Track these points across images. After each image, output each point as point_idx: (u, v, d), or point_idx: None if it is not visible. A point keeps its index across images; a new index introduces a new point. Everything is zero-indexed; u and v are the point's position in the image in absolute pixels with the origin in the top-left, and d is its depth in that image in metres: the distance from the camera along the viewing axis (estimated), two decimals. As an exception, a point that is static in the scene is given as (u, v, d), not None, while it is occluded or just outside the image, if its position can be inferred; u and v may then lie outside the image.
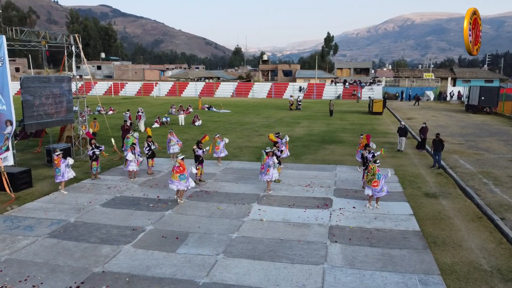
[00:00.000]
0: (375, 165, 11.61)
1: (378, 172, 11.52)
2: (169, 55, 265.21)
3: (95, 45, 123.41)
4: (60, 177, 13.18)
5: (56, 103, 16.13)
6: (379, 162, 11.95)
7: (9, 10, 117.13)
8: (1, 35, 13.68)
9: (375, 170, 11.53)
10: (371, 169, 11.63)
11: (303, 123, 30.47)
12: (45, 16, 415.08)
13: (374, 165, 11.60)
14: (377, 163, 11.71)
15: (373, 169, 11.58)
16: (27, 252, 8.93)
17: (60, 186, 13.33)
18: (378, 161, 12.00)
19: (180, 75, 79.63)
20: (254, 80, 74.48)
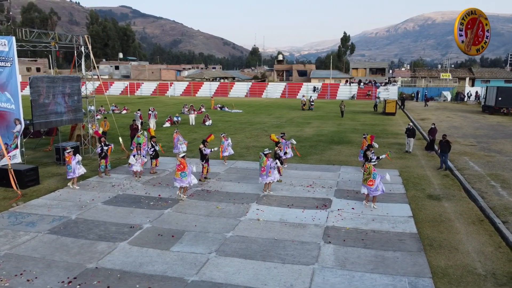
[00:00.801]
0: (371, 164, 11.60)
1: (374, 172, 11.50)
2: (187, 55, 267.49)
3: (113, 46, 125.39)
4: (72, 174, 13.67)
5: (64, 102, 16.50)
6: (375, 162, 11.89)
7: (31, 12, 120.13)
8: (11, 36, 14.06)
9: (370, 169, 11.53)
10: (367, 169, 11.66)
11: (313, 123, 30.34)
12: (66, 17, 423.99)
13: (370, 164, 11.61)
14: (373, 163, 11.68)
15: (369, 168, 11.59)
16: (26, 247, 9.18)
17: (72, 182, 13.78)
18: (374, 160, 11.95)
19: (195, 75, 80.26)
20: (269, 80, 74.49)
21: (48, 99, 15.68)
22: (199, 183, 13.91)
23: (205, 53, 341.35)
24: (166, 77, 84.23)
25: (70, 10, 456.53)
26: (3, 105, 13.77)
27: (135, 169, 13.95)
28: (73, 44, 17.37)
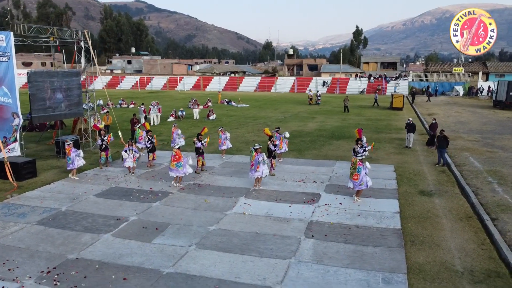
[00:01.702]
0: (357, 158, 11.60)
1: (359, 166, 11.51)
2: (200, 50, 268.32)
3: (127, 40, 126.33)
4: (71, 165, 14.10)
5: (64, 96, 16.77)
6: (361, 156, 11.88)
7: (46, 7, 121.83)
8: (9, 31, 14.34)
9: (356, 164, 11.55)
10: (353, 163, 11.65)
11: (318, 118, 30.20)
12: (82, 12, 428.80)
13: (356, 159, 11.63)
14: (359, 157, 11.69)
15: (354, 162, 11.60)
16: (14, 237, 9.43)
17: (72, 173, 14.20)
18: (360, 154, 11.94)
19: (205, 70, 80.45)
20: (279, 74, 74.21)
21: (47, 93, 15.95)
22: (194, 175, 14.10)
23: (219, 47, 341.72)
24: (177, 72, 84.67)
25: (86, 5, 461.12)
26: (1, 99, 14.07)
27: (127, 164, 14.11)
28: (73, 39, 17.60)
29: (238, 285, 7.41)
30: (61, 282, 7.47)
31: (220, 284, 7.42)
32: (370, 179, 11.92)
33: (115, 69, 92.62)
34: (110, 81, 66.75)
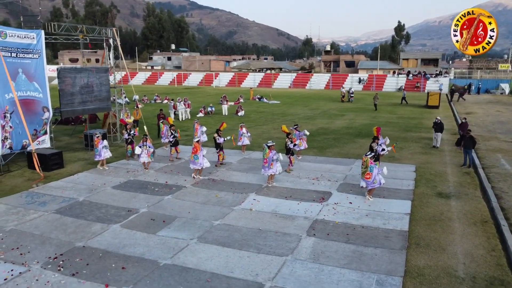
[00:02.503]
0: (368, 157, 11.38)
1: (371, 165, 11.30)
2: (240, 46, 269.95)
3: (168, 37, 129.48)
4: (98, 156, 14.87)
5: (92, 92, 17.51)
6: (371, 154, 11.65)
7: (93, 5, 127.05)
8: (40, 29, 15.14)
9: (367, 163, 11.33)
10: (364, 162, 11.44)
11: (347, 115, 29.68)
12: (128, 10, 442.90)
13: (367, 158, 11.42)
14: (369, 155, 11.47)
15: (365, 161, 11.40)
16: (31, 224, 10.03)
17: (100, 164, 15.00)
18: (369, 153, 11.71)
19: (242, 66, 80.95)
20: (315, 71, 73.38)
21: (75, 88, 16.73)
22: (210, 170, 14.37)
23: (259, 44, 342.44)
24: (215, 68, 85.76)
25: (131, 3, 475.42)
26: (32, 93, 14.91)
27: (142, 160, 14.49)
28: (102, 36, 18.31)
29: (230, 279, 7.52)
30: (65, 268, 7.89)
31: (212, 278, 7.56)
32: (383, 178, 11.66)
33: (155, 66, 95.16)
34: (150, 77, 68.70)
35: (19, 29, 14.69)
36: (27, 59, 14.71)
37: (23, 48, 14.49)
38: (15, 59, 14.27)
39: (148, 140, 14.40)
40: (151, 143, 14.61)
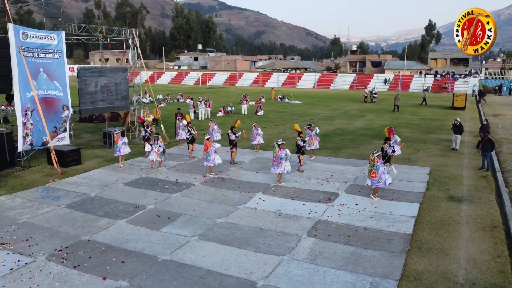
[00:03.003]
0: (375, 156, 11.27)
1: (377, 163, 11.19)
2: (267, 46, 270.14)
3: (195, 37, 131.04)
4: (117, 152, 15.36)
5: (110, 91, 18.01)
6: (378, 153, 11.52)
7: (123, 7, 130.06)
8: (61, 30, 15.70)
9: (374, 161, 11.23)
10: (371, 160, 11.33)
11: (368, 116, 29.25)
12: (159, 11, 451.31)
13: (374, 156, 11.31)
14: (376, 154, 11.34)
15: (372, 160, 11.29)
16: (43, 217, 10.44)
17: (120, 160, 15.49)
18: (376, 151, 11.57)
19: (266, 66, 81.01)
20: (341, 71, 72.61)
21: (94, 87, 17.26)
22: (221, 168, 14.55)
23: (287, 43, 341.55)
24: (240, 68, 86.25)
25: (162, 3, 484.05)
26: (52, 92, 15.48)
27: (151, 158, 14.74)
28: (122, 37, 18.80)
29: (224, 276, 7.61)
30: (68, 260, 8.19)
31: (206, 275, 7.67)
32: (390, 178, 11.52)
33: (182, 65, 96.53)
34: (176, 76, 69.81)
35: (40, 30, 15.28)
36: (48, 59, 15.28)
37: (44, 48, 15.06)
38: (36, 59, 14.85)
39: (159, 139, 14.65)
40: (162, 142, 14.85)
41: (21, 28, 14.42)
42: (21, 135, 14.57)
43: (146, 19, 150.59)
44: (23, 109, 14.47)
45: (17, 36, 14.03)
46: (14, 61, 14.04)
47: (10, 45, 13.94)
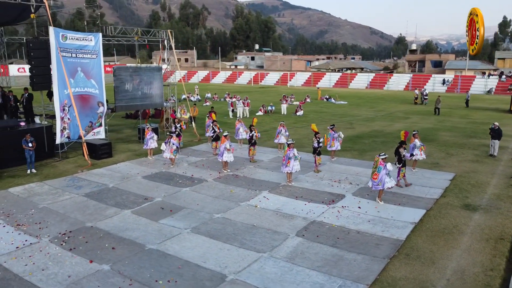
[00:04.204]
0: (380, 157, 10.97)
1: (380, 165, 10.87)
2: (329, 46, 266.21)
3: (254, 37, 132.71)
4: (145, 146, 16.40)
5: (145, 89, 19.04)
6: (385, 155, 11.16)
7: (186, 8, 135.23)
8: (98, 32, 16.90)
9: (377, 163, 10.92)
10: (375, 162, 11.05)
11: (412, 118, 28.03)
12: (223, 12, 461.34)
13: (378, 158, 11.00)
14: (382, 156, 11.02)
15: (376, 161, 10.99)
16: (60, 204, 11.41)
17: (148, 153, 16.50)
18: (383, 154, 11.21)
19: (321, 66, 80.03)
20: (398, 71, 69.81)
21: (129, 86, 18.35)
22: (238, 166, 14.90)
23: (350, 43, 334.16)
24: (296, 68, 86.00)
25: (226, 4, 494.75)
26: (88, 90, 16.73)
27: (165, 155, 15.24)
28: (158, 38, 19.78)
29: (199, 268, 7.91)
30: (66, 243, 8.95)
31: (184, 265, 8.02)
32: (392, 180, 11.17)
33: (239, 65, 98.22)
34: (230, 76, 71.31)
35: (78, 32, 16.57)
36: (86, 58, 16.52)
37: (82, 49, 16.31)
38: (75, 59, 16.13)
39: (172, 137, 15.20)
40: (175, 140, 15.37)
41: (61, 30, 15.75)
42: (59, 129, 15.92)
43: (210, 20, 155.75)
44: (61, 105, 15.79)
45: (57, 38, 15.34)
46: (54, 61, 15.38)
47: (51, 46, 15.28)
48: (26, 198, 11.90)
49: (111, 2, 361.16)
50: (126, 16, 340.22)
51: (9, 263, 8.10)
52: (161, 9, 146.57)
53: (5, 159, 14.69)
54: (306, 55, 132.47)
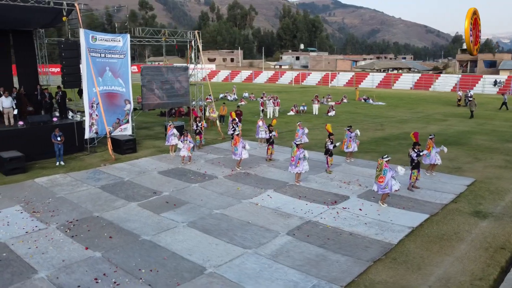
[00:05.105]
0: (383, 160, 10.73)
1: (385, 168, 10.64)
2: (380, 45, 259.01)
3: (301, 37, 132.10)
4: (167, 142, 17.14)
5: (171, 88, 19.74)
6: (388, 157, 10.89)
7: (234, 9, 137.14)
8: (126, 33, 17.78)
9: (382, 166, 10.69)
10: (379, 165, 10.81)
11: (449, 121, 26.80)
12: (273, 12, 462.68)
13: (382, 160, 10.77)
14: (385, 158, 10.77)
15: (380, 164, 10.76)
16: (76, 195, 12.20)
17: (170, 150, 17.12)
18: (386, 156, 10.93)
19: (365, 66, 78.16)
20: (447, 71, 66.62)
21: (156, 84, 19.12)
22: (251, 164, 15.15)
23: (404, 42, 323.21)
24: (341, 67, 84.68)
25: (276, 4, 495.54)
26: (116, 88, 17.66)
27: (182, 153, 15.61)
28: (185, 39, 20.42)
29: (183, 260, 8.23)
30: (70, 230, 9.61)
31: (170, 257, 8.37)
32: (397, 184, 10.88)
33: (284, 65, 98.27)
34: (272, 76, 71.57)
35: (107, 34, 17.53)
36: (114, 58, 17.45)
37: (111, 50, 17.25)
38: (103, 59, 17.10)
39: (188, 135, 15.61)
40: (191, 138, 15.80)
41: (91, 32, 16.75)
42: (88, 125, 16.97)
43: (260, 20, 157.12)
44: (90, 102, 16.80)
45: (87, 39, 16.35)
46: (84, 61, 16.41)
47: (81, 47, 16.31)
48: (48, 188, 12.83)
49: (165, 3, 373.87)
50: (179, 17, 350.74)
51: (16, 245, 8.85)
52: (210, 10, 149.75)
53: (38, 152, 15.86)
54: (354, 55, 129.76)
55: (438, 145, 14.20)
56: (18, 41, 18.93)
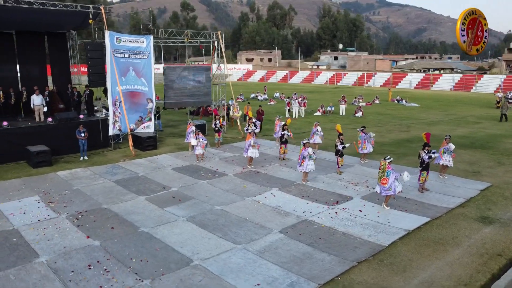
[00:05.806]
0: (386, 161, 10.62)
1: (388, 169, 10.54)
2: (426, 45, 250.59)
3: (341, 37, 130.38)
4: (186, 140, 17.67)
5: (193, 87, 20.31)
6: (390, 158, 10.74)
7: (274, 9, 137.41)
8: (150, 35, 18.50)
9: (385, 167, 10.60)
10: (381, 166, 10.70)
11: (482, 124, 25.66)
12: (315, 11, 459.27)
13: (385, 162, 10.65)
14: (388, 160, 10.65)
15: (383, 165, 10.68)
16: (91, 188, 12.92)
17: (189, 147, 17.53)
18: (389, 157, 10.78)
19: (405, 66, 75.94)
20: (492, 72, 63.46)
21: (177, 84, 19.74)
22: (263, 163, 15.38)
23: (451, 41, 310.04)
24: (380, 68, 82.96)
25: (319, 4, 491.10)
26: (139, 87, 18.41)
27: (197, 152, 15.90)
28: (208, 39, 20.92)
29: (173, 252, 8.59)
30: (78, 220, 10.25)
31: (162, 248, 8.76)
32: (400, 185, 10.72)
33: (321, 65, 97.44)
34: (308, 76, 71.23)
35: (131, 35, 18.33)
36: (137, 59, 18.19)
37: (134, 50, 18.00)
38: (127, 59, 17.88)
39: (200, 133, 15.97)
40: (203, 136, 16.17)
41: (115, 34, 17.59)
42: (111, 122, 17.81)
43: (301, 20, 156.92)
44: (113, 100, 17.64)
45: (111, 40, 17.18)
46: (108, 61, 17.26)
47: (106, 48, 17.16)
48: (68, 180, 13.66)
49: (208, 4, 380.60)
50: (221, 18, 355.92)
51: (26, 232, 9.58)
52: (250, 10, 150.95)
53: (65, 147, 16.86)
54: (396, 55, 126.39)
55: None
56: (52, 42, 20.17)
